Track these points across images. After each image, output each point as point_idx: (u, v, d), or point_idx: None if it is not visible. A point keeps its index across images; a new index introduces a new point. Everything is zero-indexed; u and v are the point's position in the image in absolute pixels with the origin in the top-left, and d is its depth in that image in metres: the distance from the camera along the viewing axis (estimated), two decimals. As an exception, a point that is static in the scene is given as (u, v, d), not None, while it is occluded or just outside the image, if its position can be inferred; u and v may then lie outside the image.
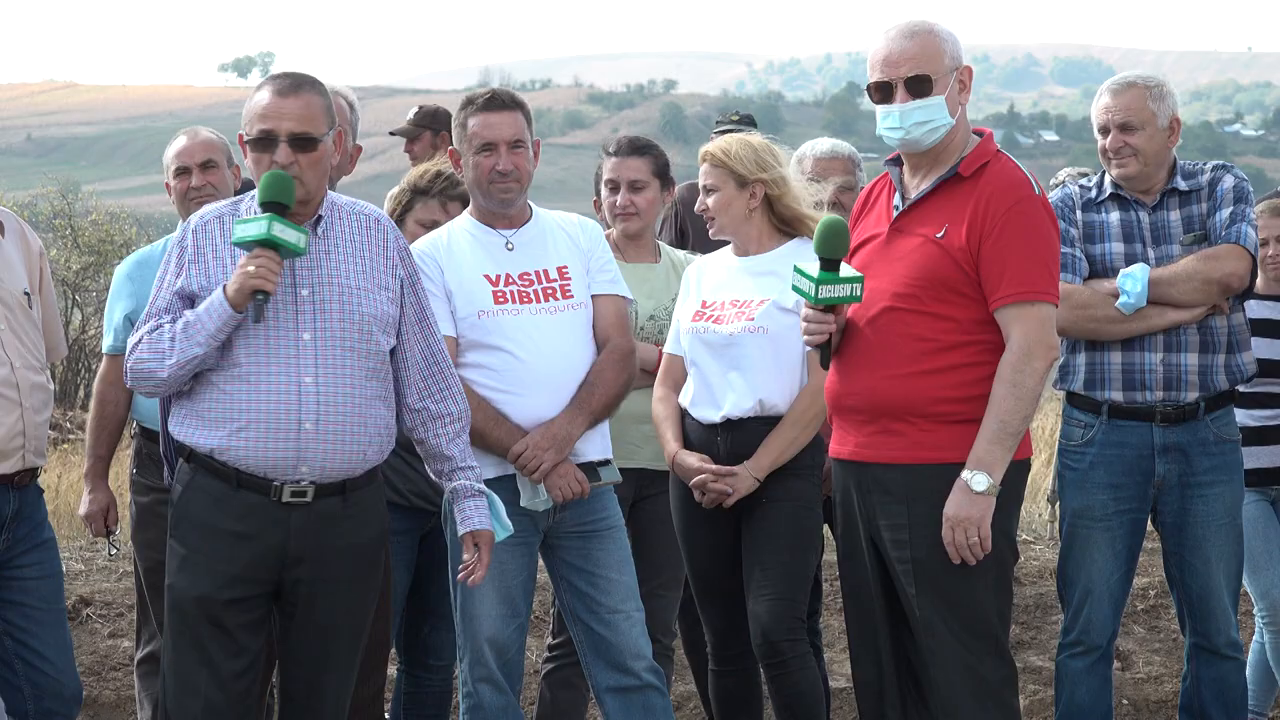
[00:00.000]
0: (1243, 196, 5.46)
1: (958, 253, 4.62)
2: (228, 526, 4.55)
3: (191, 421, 4.59)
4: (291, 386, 4.55)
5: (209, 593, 4.54)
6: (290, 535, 4.57)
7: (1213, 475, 5.42)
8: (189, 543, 4.57)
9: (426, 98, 33.06)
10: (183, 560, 4.57)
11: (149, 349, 4.54)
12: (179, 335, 4.51)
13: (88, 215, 21.62)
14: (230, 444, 4.53)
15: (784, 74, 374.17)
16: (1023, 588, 7.88)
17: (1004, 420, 4.55)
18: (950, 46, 4.71)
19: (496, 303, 5.08)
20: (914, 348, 4.64)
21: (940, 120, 4.69)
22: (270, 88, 4.62)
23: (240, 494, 4.55)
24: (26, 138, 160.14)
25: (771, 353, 5.33)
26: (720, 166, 5.47)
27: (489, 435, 4.99)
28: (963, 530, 4.55)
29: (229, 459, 4.54)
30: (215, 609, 4.54)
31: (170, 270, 4.63)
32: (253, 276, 4.46)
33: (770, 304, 5.32)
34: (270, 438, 4.53)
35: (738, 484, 5.32)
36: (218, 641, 4.54)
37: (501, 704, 5.02)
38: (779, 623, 5.29)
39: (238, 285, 4.48)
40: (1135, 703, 7.08)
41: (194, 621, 4.54)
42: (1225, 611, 5.48)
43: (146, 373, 4.56)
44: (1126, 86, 5.47)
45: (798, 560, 5.36)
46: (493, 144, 5.10)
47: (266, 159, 4.57)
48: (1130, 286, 5.35)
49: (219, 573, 4.54)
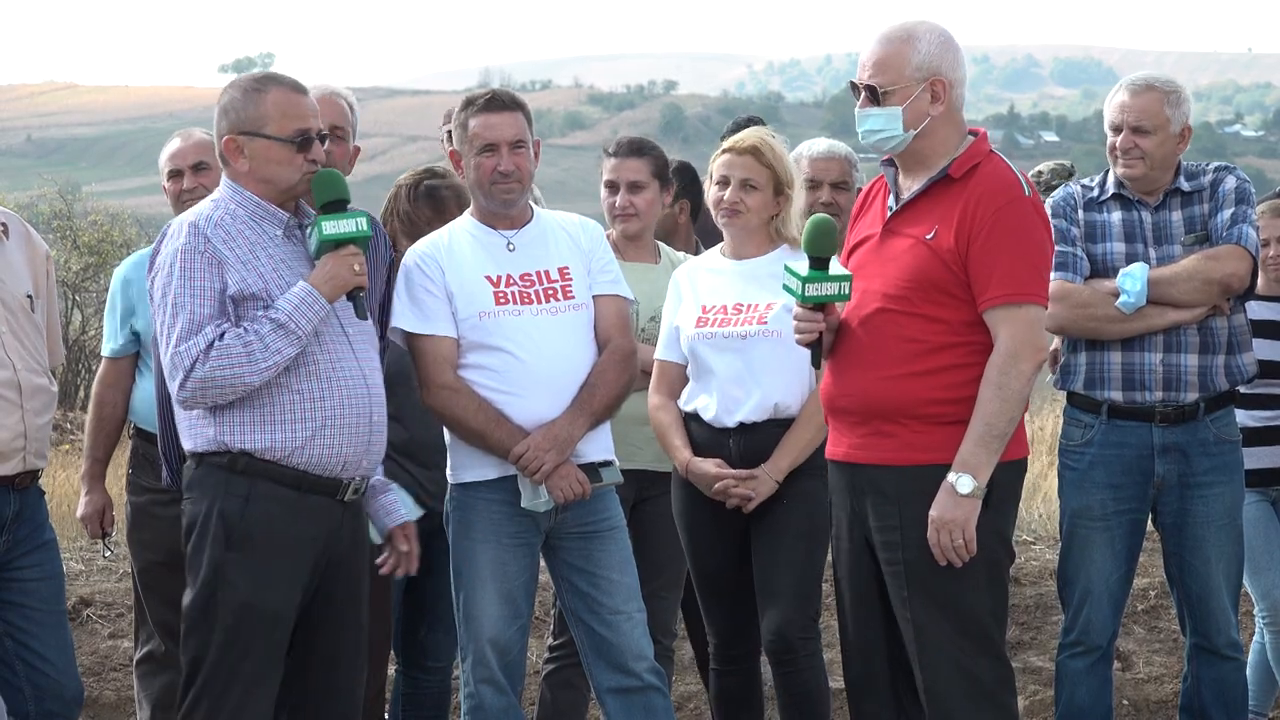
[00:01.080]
0: (1244, 198, 5.47)
1: (947, 254, 4.61)
2: (298, 532, 4.55)
3: (254, 424, 4.54)
4: (360, 381, 4.63)
5: (282, 608, 4.54)
6: (338, 536, 4.62)
7: (1213, 476, 5.43)
8: (262, 555, 4.51)
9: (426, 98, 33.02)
10: (258, 573, 4.50)
11: (231, 355, 4.47)
12: (270, 336, 4.49)
13: (87, 216, 21.60)
14: (309, 444, 4.54)
15: (784, 75, 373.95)
16: (1022, 588, 7.87)
17: (990, 422, 4.54)
18: (923, 56, 4.62)
19: (498, 303, 5.08)
20: (905, 349, 4.63)
21: (892, 131, 4.65)
22: (288, 88, 4.66)
23: (308, 498, 4.55)
24: (26, 138, 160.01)
25: (784, 355, 5.32)
26: (768, 167, 5.39)
27: (490, 436, 5.00)
28: (948, 532, 4.55)
29: (300, 461, 4.54)
30: (286, 622, 4.55)
31: (201, 274, 4.55)
32: (359, 274, 4.58)
33: (782, 307, 5.29)
34: (348, 435, 4.59)
35: (759, 487, 5.32)
36: (279, 653, 4.55)
37: (503, 705, 5.03)
38: (793, 621, 5.30)
39: (339, 282, 4.56)
40: (1135, 703, 7.08)
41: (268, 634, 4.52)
42: (1225, 612, 5.48)
43: (231, 379, 4.47)
44: (1145, 88, 5.45)
45: (811, 559, 5.37)
46: (494, 145, 5.10)
47: (302, 158, 4.62)
48: (1130, 286, 5.36)
49: (296, 583, 4.55)
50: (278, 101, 4.64)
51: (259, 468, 4.53)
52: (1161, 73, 5.58)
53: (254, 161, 4.66)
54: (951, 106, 4.68)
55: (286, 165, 4.64)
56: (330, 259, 4.62)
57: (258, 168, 4.66)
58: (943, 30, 4.70)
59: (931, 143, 4.68)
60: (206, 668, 4.53)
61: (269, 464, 4.53)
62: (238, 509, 4.52)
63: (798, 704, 5.36)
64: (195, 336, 4.50)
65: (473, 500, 5.07)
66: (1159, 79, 5.49)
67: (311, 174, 4.66)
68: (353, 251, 4.62)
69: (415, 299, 5.07)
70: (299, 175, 4.66)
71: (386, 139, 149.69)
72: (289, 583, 4.54)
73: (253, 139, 4.64)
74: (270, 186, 4.67)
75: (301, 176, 4.66)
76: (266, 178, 4.67)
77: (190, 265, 4.57)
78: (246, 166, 4.67)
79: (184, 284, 4.55)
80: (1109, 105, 5.52)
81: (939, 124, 4.67)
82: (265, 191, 4.68)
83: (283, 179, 4.66)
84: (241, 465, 4.54)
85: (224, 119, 4.68)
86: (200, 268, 4.56)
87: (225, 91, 4.72)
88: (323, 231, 4.61)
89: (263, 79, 4.72)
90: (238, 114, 4.66)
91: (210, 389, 4.50)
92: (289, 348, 4.51)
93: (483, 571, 5.02)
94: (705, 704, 6.74)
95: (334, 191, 4.67)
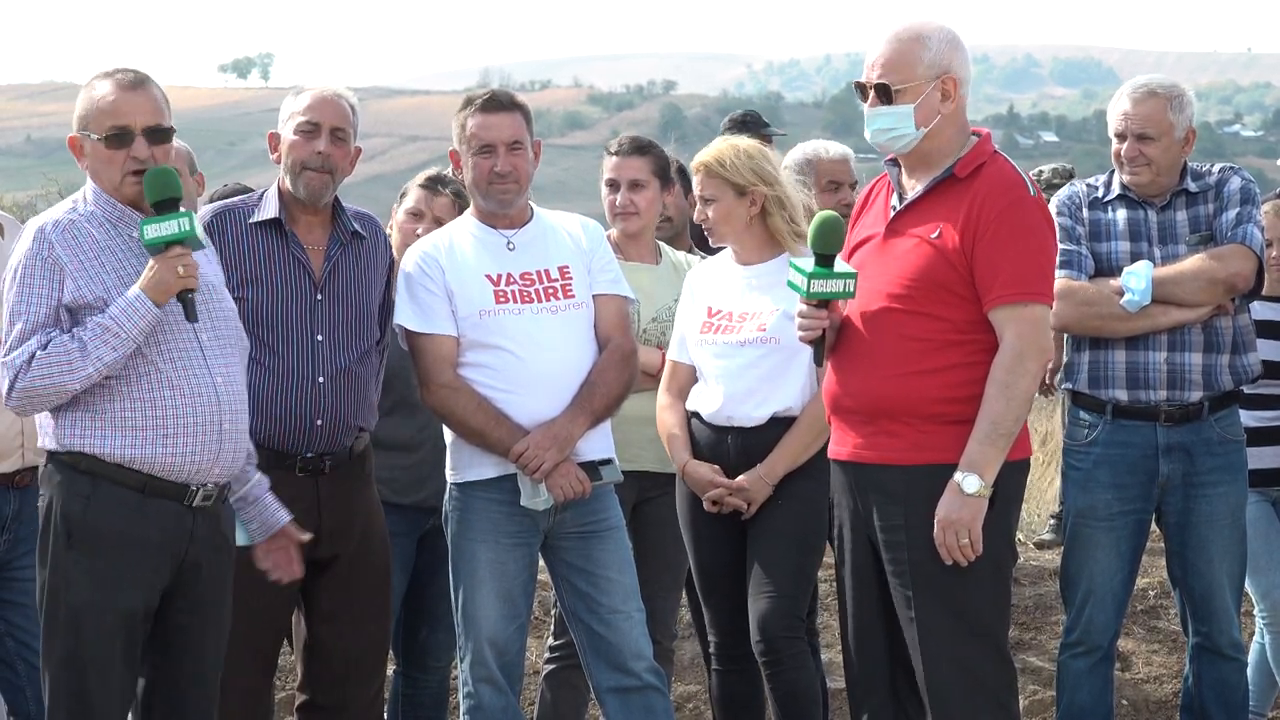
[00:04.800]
0: (1250, 198, 5.47)
1: (952, 254, 4.61)
2: (142, 534, 4.48)
3: (96, 427, 4.47)
4: (209, 387, 4.53)
5: (134, 606, 4.47)
6: (193, 539, 4.54)
7: (1217, 475, 5.42)
8: (104, 554, 4.46)
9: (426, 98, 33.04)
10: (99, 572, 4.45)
11: (50, 364, 4.39)
12: (91, 342, 4.39)
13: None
14: (150, 449, 4.46)
15: (783, 75, 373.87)
16: (1023, 588, 7.87)
17: (995, 422, 4.54)
18: (934, 54, 4.65)
19: (498, 302, 5.08)
20: (909, 348, 4.63)
21: (904, 130, 4.66)
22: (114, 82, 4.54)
23: (153, 501, 4.48)
24: (26, 138, 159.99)
25: (783, 361, 5.34)
26: (716, 177, 5.46)
27: (490, 434, 5.00)
28: (953, 532, 4.55)
29: (142, 465, 4.46)
30: (134, 621, 4.48)
31: (38, 282, 4.45)
32: (184, 276, 4.44)
33: (781, 314, 5.31)
34: (193, 442, 4.49)
35: (753, 495, 5.35)
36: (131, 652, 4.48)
37: (501, 704, 5.03)
38: (778, 621, 5.30)
39: (164, 285, 4.42)
40: (1135, 703, 7.07)
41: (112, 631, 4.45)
42: (1228, 612, 5.48)
43: (53, 388, 4.40)
44: (1148, 95, 5.44)
45: (801, 560, 5.38)
46: (491, 145, 5.10)
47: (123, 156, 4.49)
48: (1135, 284, 5.35)
49: (143, 584, 4.48)
50: (99, 98, 4.53)
51: (101, 468, 4.47)
52: (1163, 76, 5.55)
53: (91, 161, 4.57)
54: (959, 105, 4.70)
55: (107, 165, 4.53)
56: (156, 261, 4.47)
57: (92, 168, 4.57)
58: (950, 29, 4.72)
59: (937, 142, 4.69)
60: (56, 662, 4.49)
61: (113, 466, 4.47)
62: (79, 508, 4.47)
63: (783, 705, 5.37)
64: (23, 345, 4.43)
65: (472, 499, 5.07)
66: (1161, 84, 5.47)
67: (135, 173, 4.52)
68: (178, 253, 4.46)
69: (416, 298, 5.08)
70: (120, 175, 4.52)
71: (386, 139, 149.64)
72: (133, 582, 4.46)
73: (86, 138, 4.57)
74: (108, 187, 4.56)
75: (124, 177, 4.51)
76: (99, 177, 4.57)
77: (30, 272, 4.46)
78: (86, 165, 4.58)
79: (22, 292, 4.47)
80: (1112, 112, 5.51)
81: (946, 123, 4.68)
82: (111, 193, 4.56)
83: (107, 179, 4.55)
84: (85, 465, 4.48)
85: (74, 117, 4.58)
86: (38, 275, 4.46)
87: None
88: (144, 236, 4.46)
89: (100, 75, 4.59)
90: (77, 112, 4.57)
91: (34, 397, 4.43)
92: (112, 352, 4.40)
93: (481, 571, 5.02)
94: (705, 704, 6.74)
95: (164, 190, 4.49)
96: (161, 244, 4.44)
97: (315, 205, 5.06)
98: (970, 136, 4.75)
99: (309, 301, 5.02)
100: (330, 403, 5.00)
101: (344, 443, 5.06)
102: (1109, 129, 5.52)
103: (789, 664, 5.34)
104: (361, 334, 5.10)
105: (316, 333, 5.02)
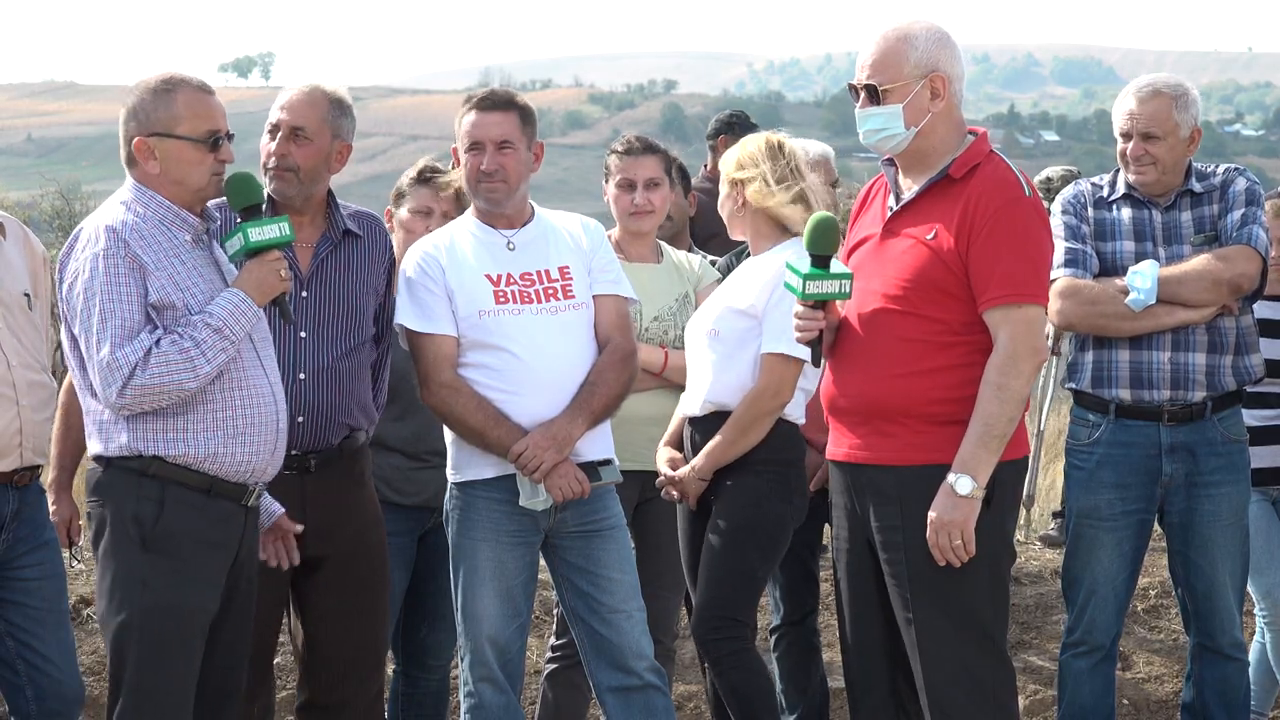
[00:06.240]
0: (1254, 199, 5.46)
1: (947, 254, 4.61)
2: (211, 536, 4.55)
3: (169, 431, 4.51)
4: (268, 390, 4.64)
5: (210, 606, 4.55)
6: (242, 539, 4.63)
7: (1220, 475, 5.42)
8: (182, 556, 4.51)
9: (427, 98, 33.03)
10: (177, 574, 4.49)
11: (169, 362, 4.44)
12: (208, 342, 4.47)
13: (88, 215, 21.57)
14: (221, 451, 4.53)
15: (784, 74, 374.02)
16: (1023, 588, 7.87)
17: (989, 423, 4.53)
18: (921, 53, 4.64)
19: (497, 302, 5.07)
20: (905, 349, 4.63)
21: (894, 129, 4.66)
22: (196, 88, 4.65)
23: (217, 502, 4.55)
24: (26, 138, 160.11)
25: (722, 354, 5.38)
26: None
27: (489, 434, 5.00)
28: (947, 533, 4.55)
29: (212, 467, 4.52)
30: (204, 621, 4.55)
31: (125, 281, 4.49)
32: (285, 279, 4.61)
33: (726, 307, 5.39)
34: (257, 443, 4.58)
35: (684, 488, 5.41)
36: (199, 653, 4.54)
37: (502, 703, 5.03)
38: (703, 621, 5.35)
39: (266, 288, 4.58)
40: (1136, 703, 7.07)
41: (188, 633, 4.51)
42: (1230, 611, 5.48)
43: (171, 385, 4.44)
44: (1153, 95, 5.43)
45: (734, 556, 5.34)
46: (480, 143, 5.10)
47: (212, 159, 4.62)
48: (1140, 283, 5.34)
49: (214, 584, 4.55)
50: (188, 102, 4.60)
51: (169, 471, 4.51)
52: (1168, 75, 5.53)
53: (165, 163, 4.61)
54: (951, 104, 4.68)
55: (198, 166, 4.61)
56: (256, 265, 4.60)
57: (169, 169, 4.61)
58: (939, 27, 4.71)
59: (931, 141, 4.68)
60: (132, 671, 4.50)
61: (180, 469, 4.52)
62: (152, 512, 4.51)
63: (725, 704, 5.36)
64: (132, 343, 4.45)
65: (472, 499, 5.06)
66: (1165, 83, 5.46)
67: (219, 175, 4.64)
68: (276, 257, 4.62)
69: (416, 297, 5.07)
70: (209, 177, 4.62)
71: (386, 138, 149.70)
72: (207, 583, 4.54)
73: (164, 140, 4.60)
74: (181, 189, 4.63)
75: (211, 178, 4.63)
76: (178, 179, 4.62)
77: (114, 271, 4.50)
78: (158, 169, 4.61)
79: (110, 290, 4.48)
80: (1117, 112, 5.50)
81: (939, 122, 4.67)
82: (176, 194, 4.62)
83: (194, 180, 4.62)
84: (153, 469, 4.52)
85: (133, 120, 4.62)
86: (124, 274, 4.50)
87: (132, 93, 4.65)
88: (249, 239, 4.58)
89: (170, 80, 4.65)
90: (148, 115, 4.61)
91: (149, 395, 4.46)
92: (223, 354, 4.50)
93: (482, 570, 5.02)
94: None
95: (251, 196, 4.66)
96: (263, 247, 4.59)
97: (289, 204, 5.05)
98: (966, 135, 4.74)
99: (293, 298, 5.00)
100: (312, 399, 5.01)
101: (331, 440, 5.06)
102: (1114, 128, 5.51)
103: (725, 664, 5.33)
104: (350, 331, 5.10)
105: (300, 329, 5.02)
